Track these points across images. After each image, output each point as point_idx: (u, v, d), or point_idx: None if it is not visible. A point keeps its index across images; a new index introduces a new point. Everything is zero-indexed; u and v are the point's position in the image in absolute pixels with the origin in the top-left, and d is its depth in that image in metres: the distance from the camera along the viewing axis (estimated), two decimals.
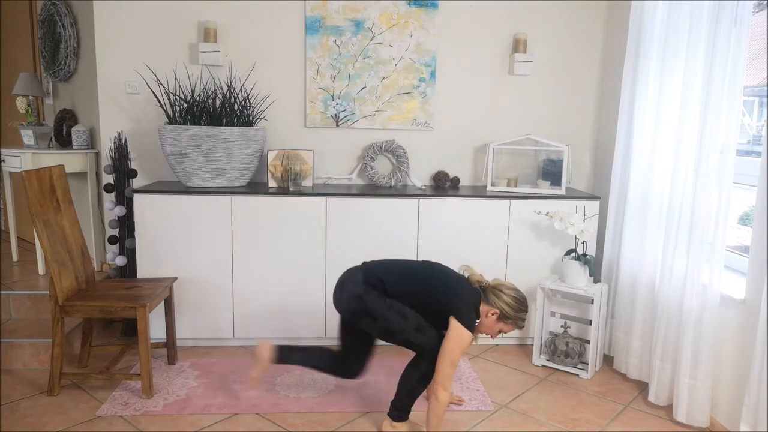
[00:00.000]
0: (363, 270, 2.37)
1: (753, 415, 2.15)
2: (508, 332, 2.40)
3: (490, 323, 2.34)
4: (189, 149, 3.17)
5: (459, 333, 2.21)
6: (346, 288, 2.34)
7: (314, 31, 3.50)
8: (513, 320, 2.32)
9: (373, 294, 2.30)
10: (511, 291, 2.34)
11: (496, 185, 3.48)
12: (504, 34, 3.60)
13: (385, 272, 2.35)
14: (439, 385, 2.21)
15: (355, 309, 2.32)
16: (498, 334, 2.38)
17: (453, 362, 2.21)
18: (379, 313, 2.28)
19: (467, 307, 2.27)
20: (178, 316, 3.17)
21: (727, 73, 2.32)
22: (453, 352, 2.21)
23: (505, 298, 2.31)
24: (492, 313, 2.31)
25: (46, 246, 2.58)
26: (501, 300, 2.31)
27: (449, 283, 2.34)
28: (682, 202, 2.56)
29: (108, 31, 3.45)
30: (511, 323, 2.33)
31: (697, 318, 2.44)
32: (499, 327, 2.35)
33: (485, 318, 2.33)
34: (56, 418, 2.49)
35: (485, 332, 2.38)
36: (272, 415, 2.56)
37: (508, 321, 2.32)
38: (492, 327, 2.35)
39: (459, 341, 2.21)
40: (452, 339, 2.21)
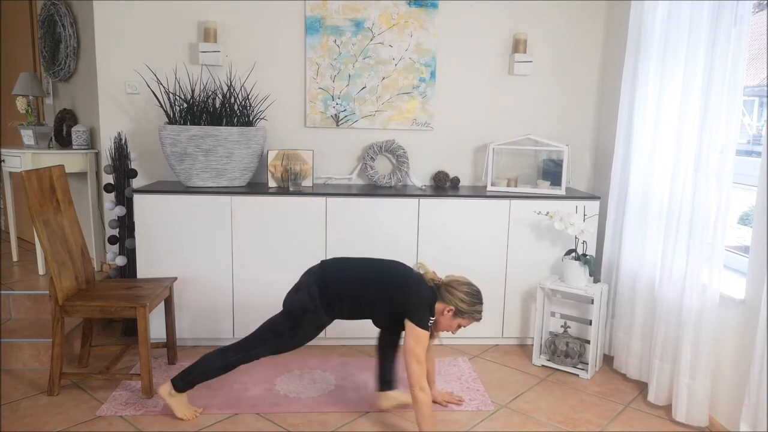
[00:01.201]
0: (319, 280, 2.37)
1: (753, 415, 2.15)
2: (467, 326, 2.42)
3: (447, 320, 2.36)
4: (189, 149, 3.17)
5: (415, 333, 2.26)
6: (299, 295, 2.38)
7: (314, 31, 3.50)
8: (469, 314, 2.35)
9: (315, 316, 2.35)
10: (464, 286, 2.36)
11: (496, 185, 3.48)
12: (504, 34, 3.60)
13: (340, 282, 2.38)
14: (415, 387, 2.24)
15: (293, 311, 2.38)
16: (457, 329, 2.40)
17: (418, 360, 2.24)
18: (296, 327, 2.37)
19: (420, 307, 2.30)
20: (178, 316, 3.17)
21: (727, 73, 2.32)
22: (414, 351, 2.24)
23: (459, 294, 2.33)
24: (447, 310, 2.34)
25: (46, 246, 2.58)
26: (455, 297, 2.33)
27: (403, 285, 2.36)
28: (681, 202, 2.56)
29: (108, 31, 3.45)
30: (468, 317, 2.35)
31: (697, 318, 2.44)
32: (457, 322, 2.37)
33: (441, 316, 2.35)
34: (56, 418, 2.49)
35: (444, 329, 2.40)
36: (272, 415, 2.56)
37: (464, 315, 2.34)
38: (450, 323, 2.37)
39: (417, 340, 2.26)
40: (411, 339, 2.26)
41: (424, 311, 2.30)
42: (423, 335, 2.27)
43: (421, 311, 2.29)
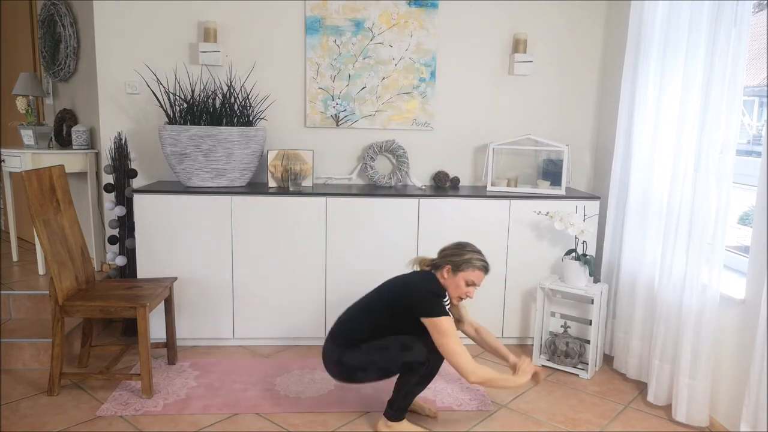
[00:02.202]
0: (330, 337, 2.42)
1: (753, 415, 2.15)
2: (479, 280, 2.37)
3: (451, 283, 2.34)
4: (189, 149, 3.17)
5: (435, 325, 2.23)
6: (328, 359, 2.40)
7: (314, 31, 3.50)
8: (465, 263, 2.32)
9: (348, 352, 2.34)
10: (452, 244, 2.38)
11: (496, 185, 3.48)
12: (504, 34, 3.60)
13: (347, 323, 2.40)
14: (468, 375, 2.21)
15: (343, 372, 2.37)
16: (471, 288, 2.35)
17: (456, 352, 2.21)
18: (364, 362, 2.32)
19: (426, 297, 2.27)
20: (178, 316, 3.17)
21: (727, 73, 2.32)
22: (447, 345, 2.22)
23: (448, 252, 2.35)
24: (446, 270, 2.33)
25: (46, 246, 2.58)
26: (446, 256, 2.34)
27: (401, 291, 2.35)
28: (681, 201, 2.56)
29: (108, 31, 3.45)
30: (466, 267, 2.32)
31: (697, 318, 2.44)
32: (462, 279, 2.33)
33: (445, 280, 2.34)
34: (56, 418, 2.49)
35: (458, 294, 2.36)
36: (272, 415, 2.56)
37: (461, 267, 2.32)
38: (457, 284, 2.34)
39: (441, 332, 2.22)
40: (435, 335, 2.23)
41: (433, 299, 2.27)
42: (444, 323, 2.22)
43: (429, 302, 2.26)
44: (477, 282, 2.38)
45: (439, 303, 2.27)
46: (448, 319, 2.24)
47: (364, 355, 2.32)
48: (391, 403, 2.38)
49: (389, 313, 2.35)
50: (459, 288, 2.36)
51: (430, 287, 2.32)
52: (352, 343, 2.35)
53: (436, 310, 2.24)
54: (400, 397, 2.36)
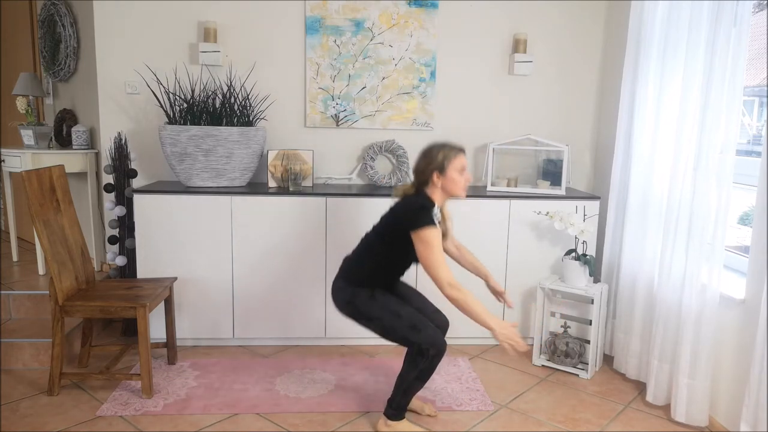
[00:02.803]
0: (341, 274, 2.45)
1: (753, 415, 2.15)
2: (465, 162, 2.33)
3: (447, 183, 2.30)
4: (189, 149, 3.17)
5: (421, 237, 2.19)
6: (338, 298, 2.43)
7: (314, 31, 3.50)
8: (447, 157, 2.28)
9: (361, 296, 2.35)
10: (420, 154, 2.36)
11: (496, 185, 3.48)
12: (504, 34, 3.60)
13: (353, 260, 2.44)
14: (444, 286, 2.17)
15: (351, 313, 2.40)
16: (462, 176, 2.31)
17: (438, 264, 2.18)
18: (373, 314, 2.34)
19: (412, 210, 2.26)
20: (178, 316, 3.17)
21: (726, 73, 2.32)
22: (429, 258, 2.19)
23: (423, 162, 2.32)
24: (435, 177, 2.29)
25: (46, 246, 2.58)
26: (422, 168, 2.31)
27: (390, 215, 2.36)
28: (681, 201, 2.56)
29: (108, 31, 3.45)
30: (449, 161, 2.28)
31: (696, 317, 2.44)
32: (453, 172, 2.29)
33: (437, 186, 2.30)
34: (56, 418, 2.49)
35: (460, 187, 2.32)
36: (272, 415, 2.56)
37: (446, 164, 2.28)
38: (453, 180, 2.29)
39: (425, 244, 2.19)
40: (420, 249, 2.20)
41: (419, 211, 2.24)
42: (429, 233, 2.19)
43: (416, 213, 2.23)
44: (465, 165, 2.34)
45: (427, 214, 2.24)
46: (435, 230, 2.21)
47: (377, 309, 2.32)
48: (391, 402, 2.39)
49: (384, 240, 2.35)
50: (456, 182, 2.31)
51: (417, 201, 2.30)
52: (360, 281, 2.36)
53: (422, 220, 2.21)
54: (399, 394, 2.36)
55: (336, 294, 2.44)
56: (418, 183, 2.37)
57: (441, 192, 2.34)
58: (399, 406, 2.38)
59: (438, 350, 2.27)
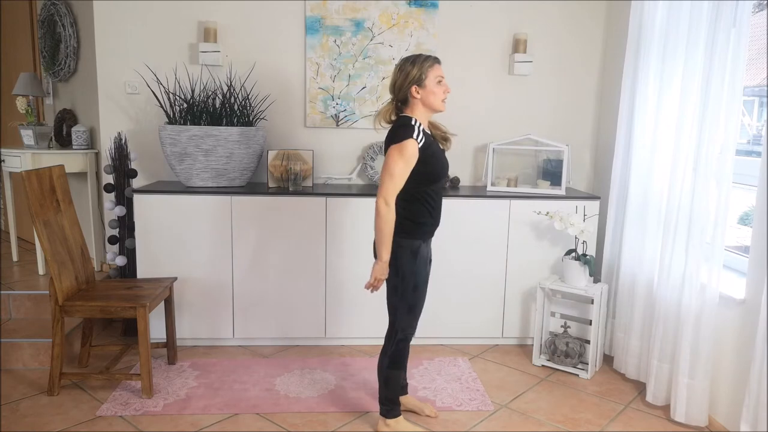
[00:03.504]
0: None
1: (753, 415, 2.15)
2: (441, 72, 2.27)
3: (427, 95, 2.24)
4: (189, 149, 3.17)
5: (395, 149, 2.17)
6: None
7: (314, 31, 3.50)
8: (421, 69, 2.23)
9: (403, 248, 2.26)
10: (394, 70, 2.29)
11: (496, 185, 3.48)
12: (504, 34, 3.60)
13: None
14: (380, 197, 2.17)
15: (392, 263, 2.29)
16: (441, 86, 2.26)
17: (392, 174, 2.16)
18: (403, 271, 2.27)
19: (393, 131, 2.24)
20: (178, 316, 3.17)
21: (726, 73, 2.32)
22: (390, 165, 2.17)
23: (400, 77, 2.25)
24: (413, 91, 2.24)
25: (46, 246, 2.58)
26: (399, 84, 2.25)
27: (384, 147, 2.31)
28: (681, 201, 2.56)
29: (108, 31, 3.45)
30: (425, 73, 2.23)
31: (696, 317, 2.44)
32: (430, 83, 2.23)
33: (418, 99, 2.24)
34: (56, 418, 2.49)
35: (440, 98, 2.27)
36: (272, 415, 2.56)
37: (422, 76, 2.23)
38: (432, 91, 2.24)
39: (398, 152, 2.16)
40: (389, 156, 2.19)
41: (398, 128, 2.22)
42: (406, 144, 2.16)
43: (395, 132, 2.21)
44: (442, 74, 2.30)
45: (406, 129, 2.21)
46: (411, 142, 2.17)
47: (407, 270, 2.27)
48: (380, 399, 2.41)
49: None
50: (435, 93, 2.25)
51: (399, 123, 2.26)
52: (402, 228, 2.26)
53: (402, 135, 2.18)
54: (382, 387, 2.38)
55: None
56: (397, 101, 2.31)
57: (422, 107, 2.28)
58: (387, 399, 2.39)
59: (405, 335, 2.31)
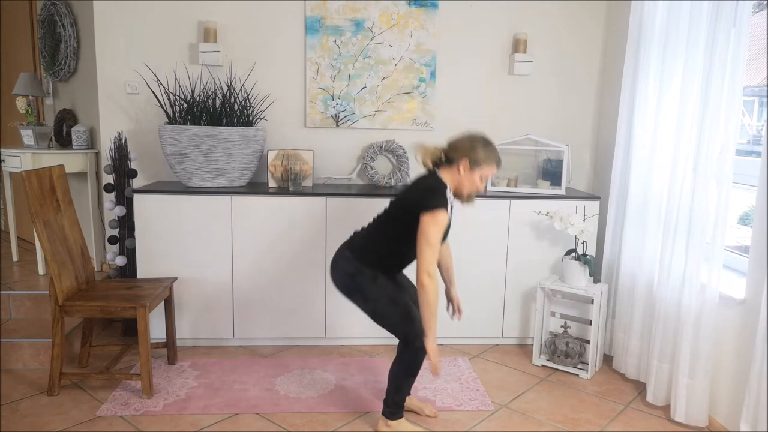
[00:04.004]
0: (349, 245, 2.40)
1: (753, 415, 2.15)
2: (488, 177, 2.33)
3: (467, 177, 2.27)
4: (189, 149, 3.17)
5: (428, 218, 2.17)
6: (340, 266, 2.37)
7: (314, 31, 3.50)
8: (485, 160, 2.26)
9: (365, 274, 2.31)
10: (466, 136, 2.30)
11: (496, 185, 3.48)
12: (504, 34, 3.60)
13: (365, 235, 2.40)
14: (423, 271, 2.16)
15: (347, 285, 2.35)
16: (483, 183, 2.32)
17: (430, 243, 2.16)
18: (370, 295, 2.30)
19: (426, 194, 2.23)
20: (178, 316, 3.17)
21: (726, 73, 2.32)
22: (428, 234, 2.16)
23: (465, 145, 2.27)
24: (462, 166, 2.26)
25: (46, 246, 2.58)
26: (462, 150, 2.26)
27: (403, 194, 2.34)
28: (681, 201, 2.56)
29: (108, 31, 3.45)
30: (485, 164, 2.27)
31: (696, 317, 2.44)
32: (478, 174, 2.27)
33: (460, 175, 2.27)
34: (56, 418, 2.49)
35: (472, 190, 2.31)
36: (272, 415, 2.56)
37: (482, 164, 2.26)
38: (473, 180, 2.28)
39: (432, 221, 2.16)
40: (424, 223, 2.17)
41: (432, 193, 2.22)
42: (438, 214, 2.16)
43: (428, 196, 2.21)
44: (489, 176, 2.33)
45: (440, 196, 2.22)
46: (443, 212, 2.18)
47: (375, 291, 2.29)
48: (386, 400, 2.40)
49: (399, 222, 2.31)
50: (474, 183, 2.29)
51: (430, 183, 2.28)
52: (367, 259, 2.31)
53: (435, 202, 2.19)
54: (392, 392, 2.37)
55: (339, 263, 2.37)
56: (445, 156, 2.31)
57: (456, 181, 2.30)
58: (394, 403, 2.38)
59: (422, 341, 2.26)
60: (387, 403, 2.39)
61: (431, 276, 2.16)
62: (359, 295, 2.33)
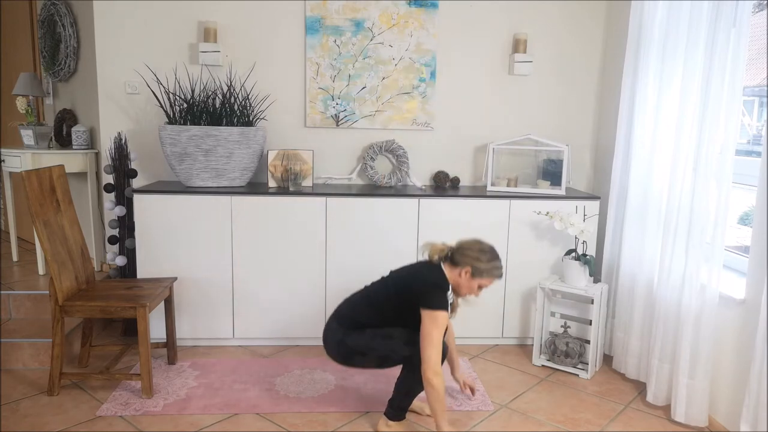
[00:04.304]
0: (335, 316, 2.45)
1: (753, 415, 2.15)
2: (489, 286, 2.40)
3: (466, 283, 2.35)
4: (189, 149, 3.17)
5: (432, 316, 2.23)
6: (329, 340, 2.42)
7: (314, 31, 3.50)
8: (487, 271, 2.33)
9: (352, 334, 2.36)
10: (476, 245, 2.36)
11: (496, 185, 3.48)
12: (504, 34, 3.60)
13: (356, 309, 2.42)
14: (429, 371, 2.21)
15: (343, 353, 2.38)
16: (479, 291, 2.38)
17: (433, 344, 2.21)
18: (365, 347, 2.34)
19: (430, 290, 2.28)
20: (178, 316, 3.17)
21: (726, 73, 2.32)
22: (431, 335, 2.21)
23: (472, 253, 2.33)
24: (465, 272, 2.33)
25: (46, 246, 2.58)
26: (469, 257, 2.32)
27: (406, 282, 2.37)
28: (681, 201, 2.56)
29: (108, 31, 3.45)
30: (487, 275, 2.34)
31: (696, 317, 2.44)
32: (477, 283, 2.35)
33: (460, 279, 2.34)
34: (56, 418, 2.49)
35: (466, 293, 2.38)
36: (272, 415, 2.56)
37: (483, 275, 2.33)
38: (470, 285, 2.35)
39: (433, 323, 2.22)
40: (426, 324, 2.23)
41: (436, 292, 2.27)
42: (440, 316, 2.23)
43: (431, 294, 2.26)
44: (488, 286, 2.41)
45: (443, 296, 2.28)
46: (444, 314, 2.26)
47: (368, 340, 2.33)
48: (392, 402, 2.39)
49: (394, 305, 2.36)
50: (472, 289, 2.38)
51: (435, 279, 2.32)
52: (358, 326, 2.37)
53: (437, 302, 2.25)
54: (401, 396, 2.37)
55: (327, 335, 2.43)
56: (451, 255, 2.38)
57: (456, 282, 2.37)
58: (400, 406, 2.39)
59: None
60: (392, 405, 2.39)
61: (438, 374, 2.22)
62: (357, 355, 2.36)
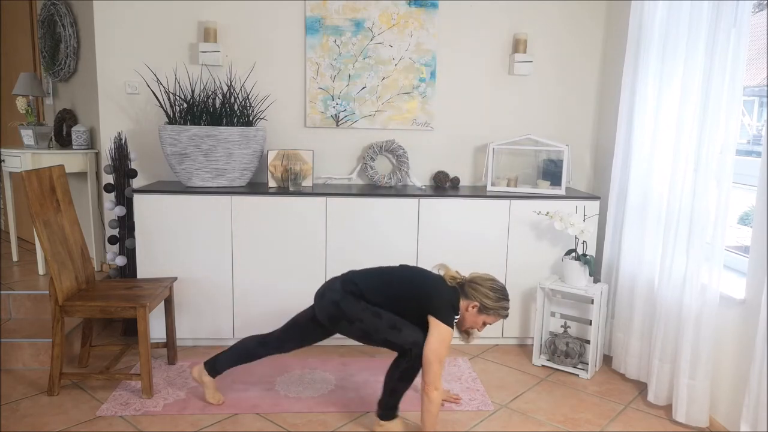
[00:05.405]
0: (342, 278, 2.45)
1: (753, 415, 2.15)
2: (493, 323, 2.43)
3: (472, 317, 2.37)
4: (189, 149, 3.17)
5: (439, 330, 2.25)
6: (326, 296, 2.42)
7: (314, 31, 3.50)
8: (494, 310, 2.35)
9: (349, 299, 2.36)
10: (488, 282, 2.37)
11: (496, 185, 3.48)
12: (504, 34, 3.60)
13: (365, 280, 2.42)
14: (430, 386, 2.24)
15: (331, 314, 2.38)
16: (483, 327, 2.41)
17: (439, 360, 2.24)
18: (354, 316, 2.34)
19: (444, 305, 2.31)
20: (178, 316, 3.17)
21: (726, 73, 2.32)
22: (438, 350, 2.24)
23: (483, 290, 2.35)
24: (472, 306, 2.35)
25: (46, 246, 2.58)
26: (479, 292, 2.34)
27: (425, 283, 2.39)
28: (681, 201, 2.56)
29: (108, 31, 3.45)
30: (494, 314, 2.36)
31: (696, 318, 2.44)
32: (482, 319, 2.37)
33: (466, 312, 2.36)
34: (56, 418, 2.49)
35: (470, 326, 2.41)
36: (272, 415, 2.56)
37: (489, 312, 2.35)
38: (475, 320, 2.38)
39: (441, 338, 2.25)
40: (434, 337, 2.25)
41: (448, 310, 2.30)
42: (447, 333, 2.26)
43: (444, 309, 2.29)
44: (491, 323, 2.43)
45: (452, 316, 2.32)
46: (451, 332, 2.29)
47: (359, 311, 2.33)
48: (380, 403, 2.41)
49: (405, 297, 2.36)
50: (476, 324, 2.40)
51: (452, 301, 2.35)
52: (359, 296, 2.37)
53: (448, 318, 2.29)
54: (386, 395, 2.38)
55: (326, 292, 2.42)
56: (464, 289, 2.38)
57: (462, 314, 2.38)
58: (388, 406, 2.39)
59: (420, 349, 2.28)
60: (381, 405, 2.41)
61: (438, 389, 2.26)
62: (344, 321, 2.36)
